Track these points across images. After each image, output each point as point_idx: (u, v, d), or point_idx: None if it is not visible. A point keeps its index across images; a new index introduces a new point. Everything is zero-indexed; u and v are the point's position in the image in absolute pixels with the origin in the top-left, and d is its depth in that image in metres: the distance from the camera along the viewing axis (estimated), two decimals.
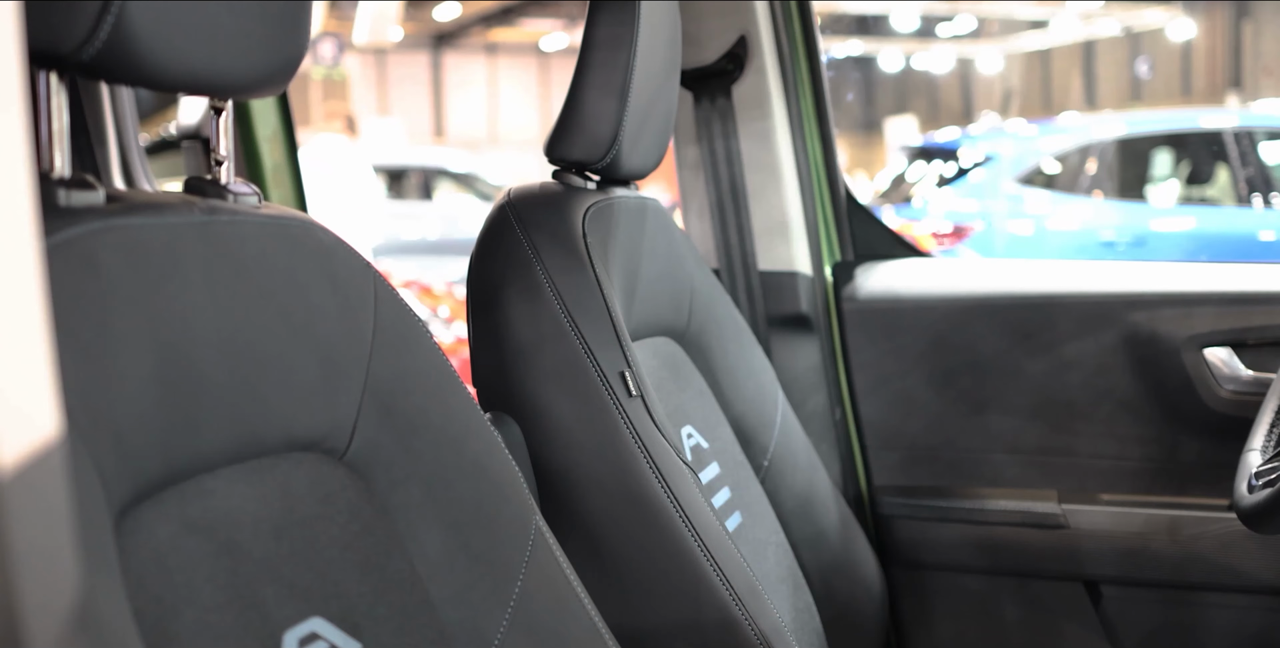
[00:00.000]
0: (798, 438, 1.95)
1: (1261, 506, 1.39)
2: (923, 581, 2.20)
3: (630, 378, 1.43)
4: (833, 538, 1.91)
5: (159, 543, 0.84)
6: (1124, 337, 2.03)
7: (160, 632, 0.80)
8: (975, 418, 2.13)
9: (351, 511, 1.02)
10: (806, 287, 2.20)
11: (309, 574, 0.95)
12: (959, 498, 2.15)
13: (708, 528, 1.40)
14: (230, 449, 0.92)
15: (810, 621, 1.79)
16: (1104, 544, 2.04)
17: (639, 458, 1.39)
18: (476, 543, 1.11)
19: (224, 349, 0.92)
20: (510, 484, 1.17)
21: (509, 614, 1.11)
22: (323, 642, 0.93)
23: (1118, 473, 2.06)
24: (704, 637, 1.38)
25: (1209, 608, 2.01)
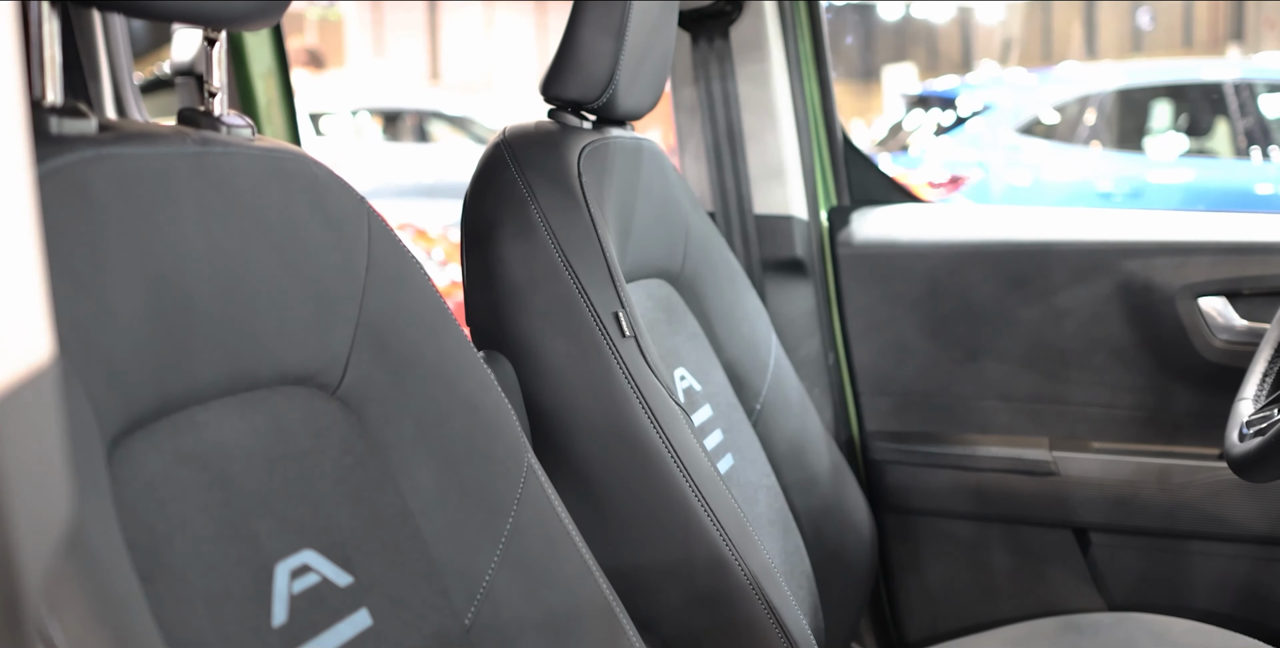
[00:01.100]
0: (790, 382, 1.95)
1: (1252, 454, 1.39)
2: (913, 525, 2.21)
3: (624, 319, 1.42)
4: (824, 482, 1.91)
5: (151, 473, 0.84)
6: (1118, 285, 2.03)
7: (153, 561, 0.80)
8: (968, 364, 2.13)
9: (344, 445, 1.02)
10: (802, 231, 2.20)
11: (301, 507, 0.95)
12: (950, 444, 2.15)
13: (699, 469, 1.40)
14: (223, 382, 0.92)
15: (800, 563, 1.79)
16: (1093, 492, 2.05)
17: (631, 398, 1.39)
18: (468, 480, 1.11)
19: (216, 281, 0.92)
20: (503, 422, 1.17)
21: (500, 551, 1.11)
22: (314, 574, 0.94)
23: (1109, 421, 2.06)
24: (694, 576, 1.38)
25: (1197, 556, 2.02)
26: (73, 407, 0.75)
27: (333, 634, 0.93)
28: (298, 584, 0.92)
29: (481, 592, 1.09)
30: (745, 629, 1.39)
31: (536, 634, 1.12)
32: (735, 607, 1.38)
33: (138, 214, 0.86)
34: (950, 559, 2.19)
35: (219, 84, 1.02)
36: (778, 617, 1.38)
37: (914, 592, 2.22)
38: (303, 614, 0.91)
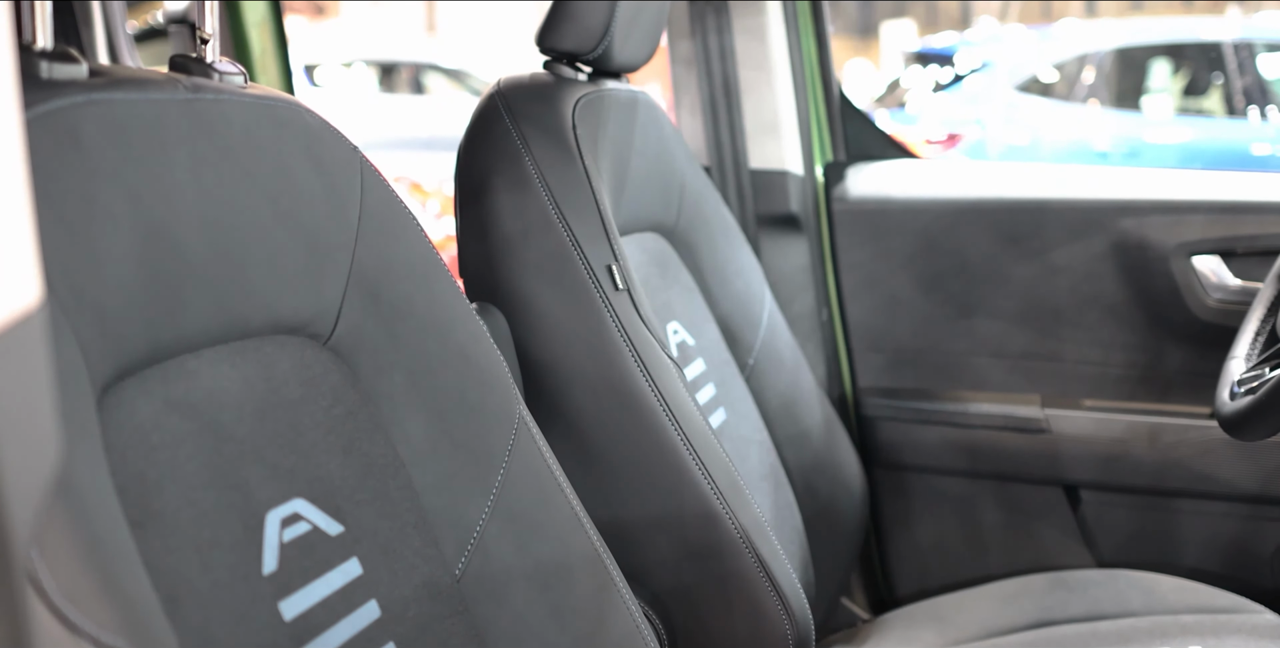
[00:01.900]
0: (783, 337, 1.95)
1: (1242, 413, 1.39)
2: (904, 482, 2.21)
3: (617, 272, 1.42)
4: (815, 438, 1.92)
5: (142, 420, 0.84)
6: (1113, 243, 2.02)
7: (143, 508, 0.81)
8: (961, 321, 2.13)
9: (335, 395, 1.02)
10: (797, 186, 2.19)
11: (292, 456, 0.95)
12: (942, 401, 2.15)
13: (691, 422, 1.40)
14: (214, 330, 0.92)
15: (791, 518, 1.80)
16: (1084, 449, 2.06)
17: (624, 351, 1.38)
18: (460, 431, 1.11)
19: (208, 229, 0.91)
20: (495, 374, 1.17)
21: (491, 502, 1.11)
22: (305, 522, 0.94)
23: (1101, 379, 2.07)
24: (684, 529, 1.39)
25: (1186, 514, 2.02)
26: (62, 352, 0.75)
27: (323, 583, 0.93)
28: (288, 533, 0.92)
29: (472, 542, 1.09)
30: (735, 582, 1.39)
31: (526, 585, 1.12)
32: (725, 560, 1.39)
33: (128, 160, 0.85)
34: (941, 516, 2.20)
35: (211, 31, 1.01)
36: (768, 570, 1.39)
37: (904, 548, 2.23)
38: (293, 562, 0.91)
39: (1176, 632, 1.65)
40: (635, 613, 1.21)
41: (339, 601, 0.94)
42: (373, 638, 0.96)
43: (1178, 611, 1.76)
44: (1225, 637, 1.62)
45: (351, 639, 0.94)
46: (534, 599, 1.12)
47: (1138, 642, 1.63)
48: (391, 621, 0.98)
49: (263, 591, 0.87)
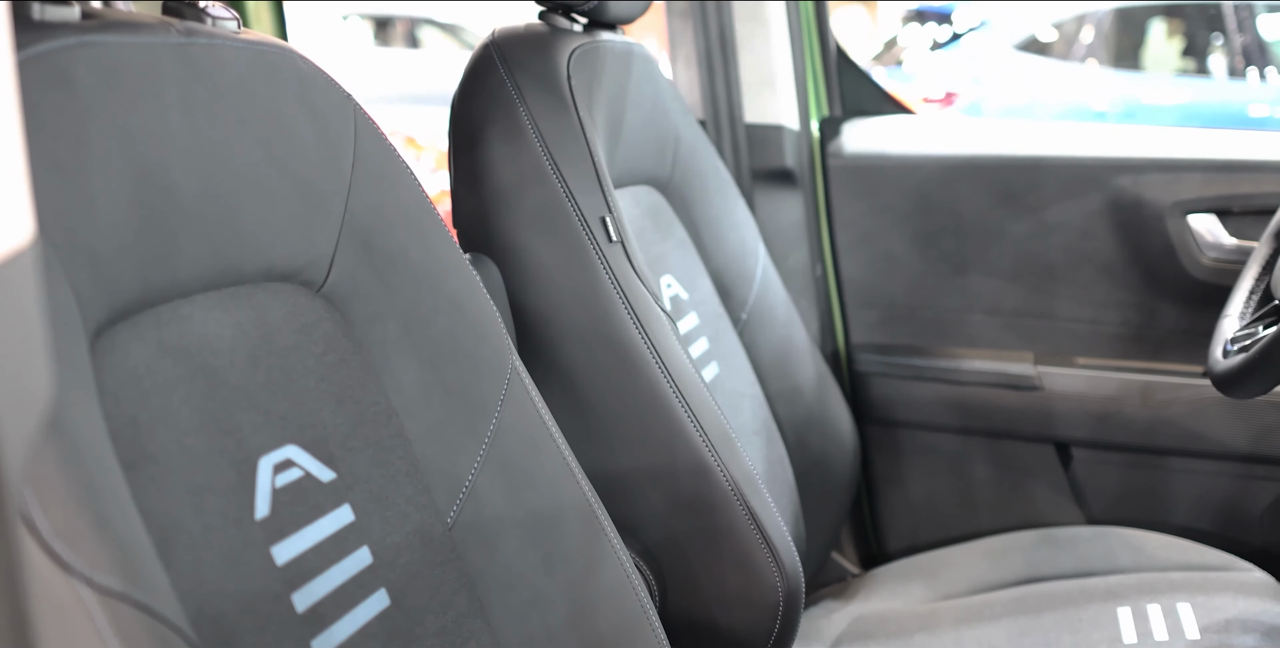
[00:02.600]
0: (777, 292, 1.95)
1: (1235, 371, 1.39)
2: (896, 438, 2.22)
3: (611, 223, 1.42)
4: (808, 393, 1.92)
5: (135, 364, 0.84)
6: (1108, 201, 2.02)
7: (135, 451, 0.81)
8: (955, 278, 2.13)
9: (328, 342, 1.02)
10: (792, 141, 2.18)
11: (285, 403, 0.95)
12: (935, 357, 2.16)
13: (683, 375, 1.40)
14: (207, 276, 0.92)
15: (782, 472, 1.80)
16: (1077, 407, 2.06)
17: (617, 303, 1.38)
18: (452, 380, 1.11)
19: (201, 174, 0.91)
20: (488, 323, 1.17)
21: (483, 451, 1.12)
22: (297, 469, 0.94)
23: (1094, 337, 2.07)
24: (676, 481, 1.39)
25: (1176, 473, 2.03)
26: (55, 294, 0.75)
27: (315, 529, 0.94)
28: (280, 479, 0.92)
29: (464, 491, 1.09)
30: (726, 535, 1.40)
31: (518, 534, 1.12)
32: (716, 513, 1.39)
33: (121, 103, 0.85)
34: (932, 472, 2.21)
35: None
36: (759, 523, 1.39)
37: (895, 503, 2.24)
38: (285, 508, 0.91)
39: (1165, 589, 1.66)
40: (626, 563, 1.21)
41: (331, 547, 0.94)
42: (364, 584, 0.96)
43: (1166, 568, 1.77)
44: (1214, 594, 1.63)
45: (343, 585, 0.94)
46: (525, 548, 1.13)
47: (1126, 598, 1.64)
48: (383, 567, 0.99)
49: (255, 535, 0.88)
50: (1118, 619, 1.59)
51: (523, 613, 1.11)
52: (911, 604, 1.85)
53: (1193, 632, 1.52)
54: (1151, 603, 1.61)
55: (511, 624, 1.10)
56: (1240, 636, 1.51)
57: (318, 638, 0.90)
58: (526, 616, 1.11)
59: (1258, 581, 1.69)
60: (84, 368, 0.77)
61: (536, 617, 1.12)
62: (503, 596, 1.10)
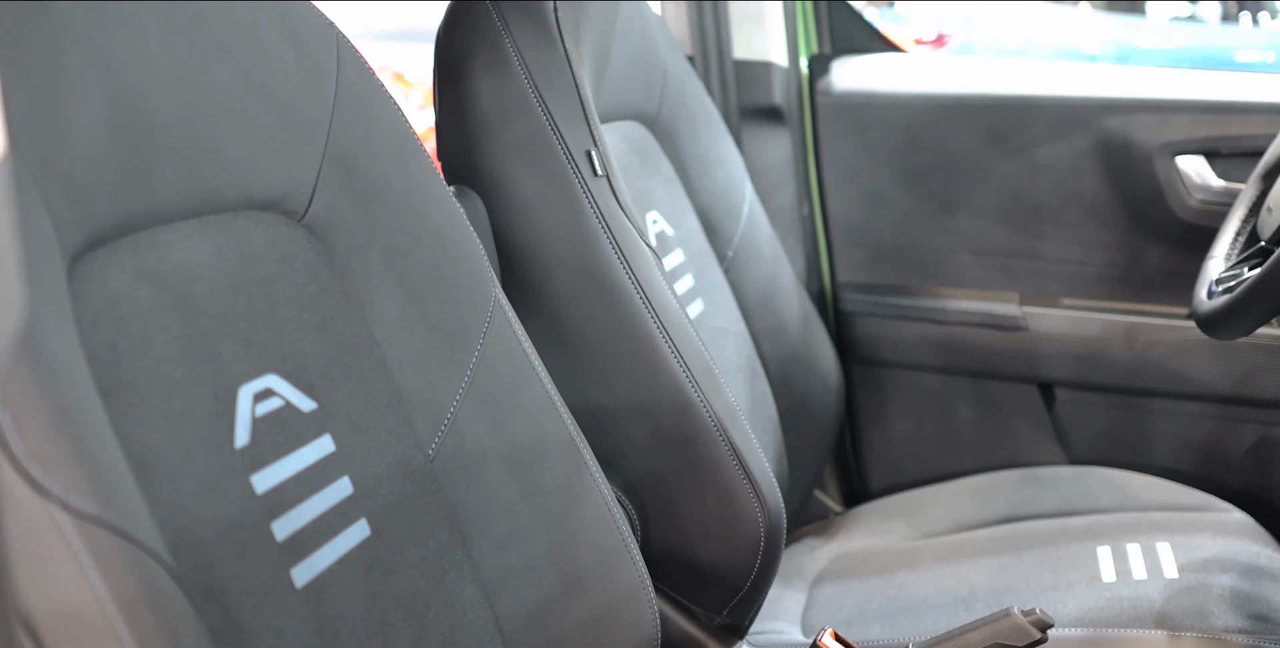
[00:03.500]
0: (763, 230, 1.94)
1: (1219, 312, 1.39)
2: (880, 377, 2.22)
3: (596, 157, 1.41)
4: (793, 331, 1.92)
5: (113, 290, 0.83)
6: (1097, 141, 2.01)
7: (113, 377, 0.80)
8: (942, 218, 2.13)
9: (309, 272, 1.01)
10: (781, 78, 2.17)
11: (265, 332, 0.95)
12: (921, 297, 2.16)
13: (667, 310, 1.40)
14: (187, 203, 0.91)
15: (766, 410, 1.80)
16: (1061, 347, 2.06)
17: (601, 237, 1.38)
18: (435, 311, 1.11)
19: (181, 100, 0.90)
20: (470, 255, 1.17)
21: (465, 383, 1.11)
22: (277, 398, 0.93)
23: (1080, 278, 2.07)
24: (658, 416, 1.39)
25: (1159, 414, 2.04)
26: (31, 217, 0.74)
27: (295, 458, 0.93)
28: (260, 408, 0.92)
29: (445, 423, 1.09)
30: (708, 470, 1.40)
31: (500, 466, 1.12)
32: (699, 448, 1.39)
33: (99, 26, 0.84)
34: (916, 411, 2.21)
35: None
36: (741, 459, 1.39)
37: (878, 442, 2.24)
38: (265, 437, 0.91)
39: (1146, 528, 1.67)
40: (608, 497, 1.21)
41: (311, 476, 0.94)
42: (345, 514, 0.96)
43: (1147, 508, 1.78)
44: (1193, 534, 1.64)
45: (323, 515, 0.94)
46: (507, 481, 1.13)
47: (1107, 537, 1.65)
48: (364, 498, 0.99)
49: (234, 463, 0.87)
50: (1097, 558, 1.59)
51: (503, 545, 1.11)
52: (893, 542, 1.86)
53: (1171, 571, 1.53)
54: (1131, 543, 1.62)
55: (492, 556, 1.10)
56: (1218, 575, 1.52)
57: (297, 567, 0.90)
58: (507, 548, 1.11)
59: (1237, 521, 1.70)
60: (61, 292, 0.76)
61: (517, 549, 1.12)
62: (483, 528, 1.10)
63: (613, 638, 1.19)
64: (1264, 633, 1.41)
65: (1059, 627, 1.43)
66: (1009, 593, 1.55)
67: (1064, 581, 1.55)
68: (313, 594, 0.91)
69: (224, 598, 0.83)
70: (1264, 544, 1.63)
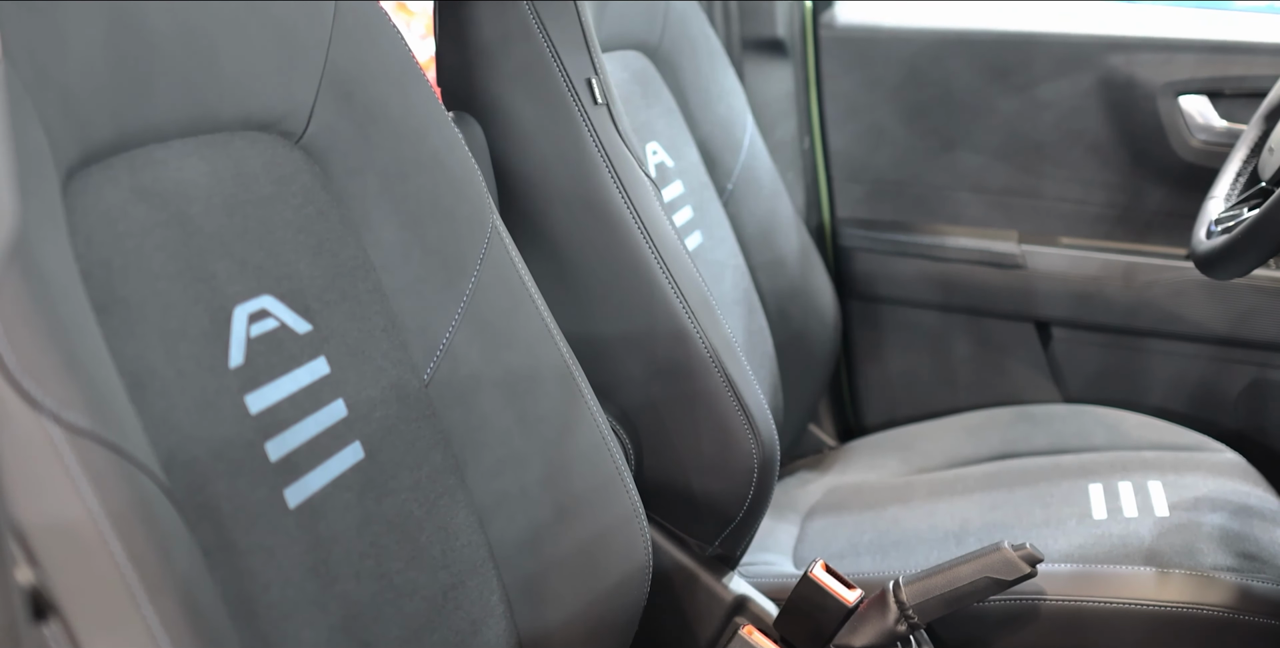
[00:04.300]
0: (763, 164, 1.94)
1: (1217, 251, 1.39)
2: (877, 313, 2.22)
3: (596, 85, 1.40)
4: (791, 265, 1.92)
5: (108, 207, 0.83)
6: (1100, 80, 2.00)
7: (108, 294, 0.80)
8: (944, 155, 2.12)
9: (306, 194, 1.01)
10: (784, 11, 2.15)
11: (261, 253, 0.94)
12: (920, 233, 2.15)
13: (665, 241, 1.39)
14: (183, 121, 0.90)
15: (762, 343, 1.81)
16: (1059, 286, 2.06)
17: (600, 166, 1.37)
18: (432, 236, 1.10)
19: (178, 16, 0.89)
20: (469, 181, 1.16)
21: (461, 309, 1.11)
22: (272, 319, 0.93)
23: (1079, 217, 2.06)
24: (655, 347, 1.39)
25: (1155, 354, 2.04)
26: (25, 131, 0.74)
27: (290, 379, 0.93)
28: (255, 328, 0.92)
29: (441, 349, 1.09)
30: (703, 401, 1.40)
31: (495, 392, 1.12)
32: (694, 379, 1.39)
33: None
34: (912, 348, 2.21)
35: None
36: (736, 391, 1.39)
37: (874, 378, 2.25)
38: (260, 358, 0.91)
39: (1138, 467, 1.67)
40: (602, 426, 1.22)
41: (305, 398, 0.94)
42: (339, 436, 0.96)
43: (1141, 446, 1.78)
44: (1185, 473, 1.64)
45: (317, 436, 0.94)
46: (502, 407, 1.13)
47: (1099, 475, 1.66)
48: (358, 420, 0.99)
49: (229, 383, 0.87)
50: (1088, 495, 1.60)
51: (497, 471, 1.12)
52: (886, 477, 1.86)
53: (1162, 509, 1.54)
54: (1123, 480, 1.62)
55: (486, 482, 1.11)
56: (1209, 513, 1.53)
57: (290, 487, 0.90)
58: (501, 474, 1.12)
59: (1229, 461, 1.70)
60: (55, 207, 0.76)
61: (511, 475, 1.13)
62: (478, 453, 1.10)
63: (605, 566, 1.20)
64: (1252, 571, 1.42)
65: (1048, 562, 1.43)
66: (1000, 529, 1.56)
67: (1055, 517, 1.56)
68: (305, 515, 0.91)
69: (217, 516, 0.83)
70: (1255, 484, 1.63)
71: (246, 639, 0.82)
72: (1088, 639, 1.42)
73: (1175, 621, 1.39)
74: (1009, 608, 1.43)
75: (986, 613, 1.43)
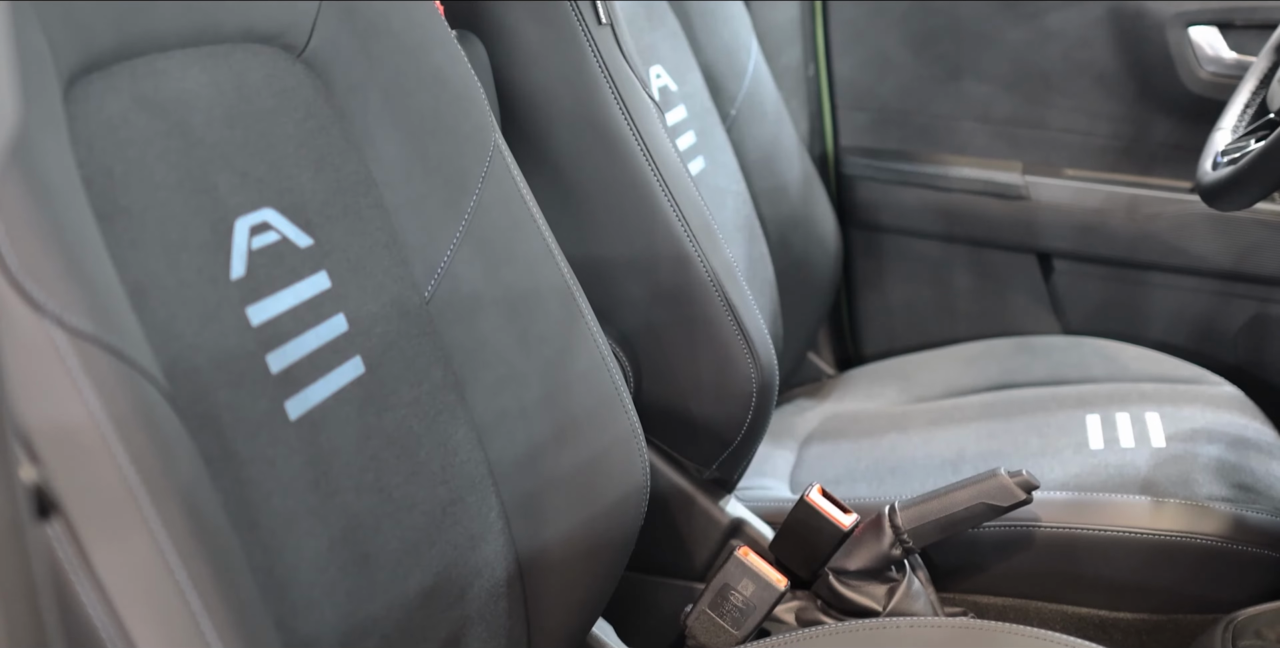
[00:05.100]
0: (768, 90, 1.92)
1: (1222, 182, 1.38)
2: (879, 242, 2.22)
3: (600, 5, 1.38)
4: (793, 193, 1.91)
5: (109, 115, 0.82)
6: (1109, 9, 1.98)
7: (110, 202, 0.80)
8: (950, 84, 2.11)
9: (308, 108, 1.00)
10: None
11: (262, 165, 0.94)
12: (924, 163, 2.14)
13: (668, 164, 1.38)
14: (185, 31, 0.90)
15: (763, 270, 1.80)
16: (1062, 218, 2.06)
17: (604, 87, 1.36)
18: (434, 153, 1.10)
19: None
20: (471, 99, 1.15)
21: (462, 227, 1.11)
22: (274, 232, 0.93)
23: (1085, 149, 2.05)
24: (656, 270, 1.39)
25: (1157, 287, 2.04)
26: (26, 35, 0.73)
27: (290, 293, 0.93)
28: (257, 241, 0.91)
29: (442, 265, 1.09)
30: (703, 326, 1.40)
31: (495, 311, 1.12)
32: (695, 303, 1.39)
33: None
34: (913, 278, 2.21)
35: None
36: (736, 315, 1.39)
37: (874, 307, 2.25)
38: (261, 270, 0.91)
39: (1135, 398, 1.68)
40: (602, 347, 1.22)
41: (306, 311, 0.94)
42: (339, 350, 0.96)
43: (1139, 379, 1.78)
44: (1183, 405, 1.65)
45: (318, 350, 0.94)
46: (502, 326, 1.13)
47: (1097, 406, 1.66)
48: (359, 335, 0.99)
49: (230, 294, 0.87)
50: (1086, 426, 1.60)
51: (497, 389, 1.12)
52: (884, 405, 1.87)
53: (1159, 440, 1.54)
54: (1120, 411, 1.63)
55: (485, 400, 1.11)
56: (1205, 445, 1.53)
57: (291, 399, 0.90)
58: (500, 392, 1.12)
59: (1227, 394, 1.70)
60: (56, 112, 0.76)
61: (510, 394, 1.13)
62: (477, 371, 1.11)
63: (603, 486, 1.20)
64: (1246, 502, 1.42)
65: (1044, 490, 1.44)
66: (997, 457, 1.56)
67: (1052, 447, 1.57)
68: (306, 428, 0.91)
69: (218, 426, 0.83)
70: (1253, 417, 1.64)
71: (248, 547, 0.83)
72: (1082, 566, 1.43)
73: (1169, 549, 1.40)
74: (1004, 534, 1.44)
75: (981, 539, 1.44)
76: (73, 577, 0.65)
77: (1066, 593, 1.45)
